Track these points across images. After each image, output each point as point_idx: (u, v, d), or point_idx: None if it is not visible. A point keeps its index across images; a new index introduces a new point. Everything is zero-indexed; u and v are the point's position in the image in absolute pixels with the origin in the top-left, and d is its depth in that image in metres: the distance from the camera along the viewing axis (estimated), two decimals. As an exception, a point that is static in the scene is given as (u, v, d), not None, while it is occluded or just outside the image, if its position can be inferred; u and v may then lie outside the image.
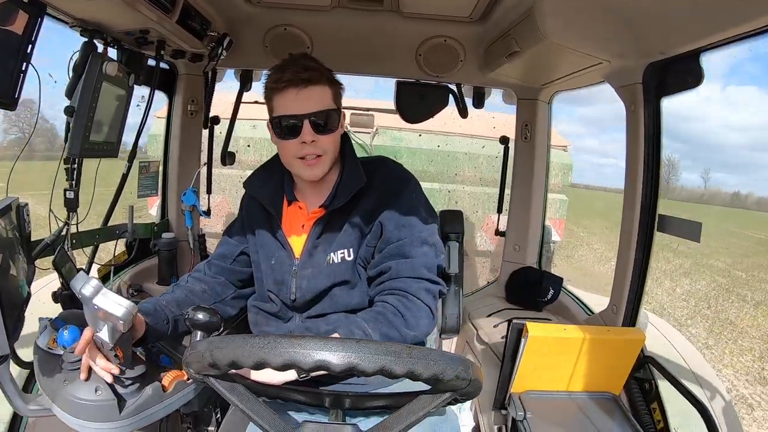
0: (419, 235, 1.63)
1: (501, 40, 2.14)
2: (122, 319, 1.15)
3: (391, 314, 1.54)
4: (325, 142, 1.58)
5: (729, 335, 8.23)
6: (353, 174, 1.66)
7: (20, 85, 1.41)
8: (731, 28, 1.32)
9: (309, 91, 1.55)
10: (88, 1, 1.45)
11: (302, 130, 1.55)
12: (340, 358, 0.95)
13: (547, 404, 1.74)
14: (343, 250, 1.64)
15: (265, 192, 1.75)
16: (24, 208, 1.54)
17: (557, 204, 5.75)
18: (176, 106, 2.75)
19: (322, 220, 1.65)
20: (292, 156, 1.60)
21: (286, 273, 1.68)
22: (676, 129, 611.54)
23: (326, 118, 1.57)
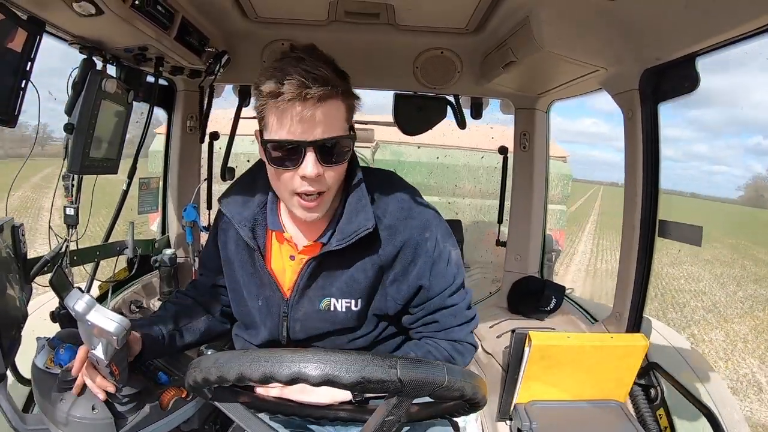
0: (458, 281, 1.48)
1: (497, 50, 2.15)
2: (116, 335, 1.14)
3: (440, 354, 1.46)
4: (332, 176, 1.28)
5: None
6: (358, 212, 1.36)
7: (20, 103, 1.41)
8: (725, 31, 1.33)
9: (320, 110, 1.20)
10: (87, 19, 1.46)
11: (304, 160, 1.22)
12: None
13: (552, 414, 1.73)
14: (349, 300, 1.42)
15: (245, 216, 1.45)
16: (19, 228, 1.54)
17: (557, 215, 5.76)
18: (175, 122, 2.76)
19: (317, 260, 1.39)
20: (288, 190, 1.29)
21: (274, 314, 1.48)
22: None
23: (337, 146, 1.25)
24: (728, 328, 9.78)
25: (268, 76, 1.20)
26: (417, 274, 1.41)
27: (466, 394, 1.00)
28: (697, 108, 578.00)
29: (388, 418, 1.03)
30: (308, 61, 1.19)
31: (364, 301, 1.44)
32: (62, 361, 1.31)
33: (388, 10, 2.13)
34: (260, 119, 1.29)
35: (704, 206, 64.58)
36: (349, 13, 2.19)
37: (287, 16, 2.28)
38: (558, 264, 6.00)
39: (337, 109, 1.24)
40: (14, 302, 1.39)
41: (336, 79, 1.22)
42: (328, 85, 1.18)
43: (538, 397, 1.76)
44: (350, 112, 1.30)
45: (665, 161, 1.80)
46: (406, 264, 1.41)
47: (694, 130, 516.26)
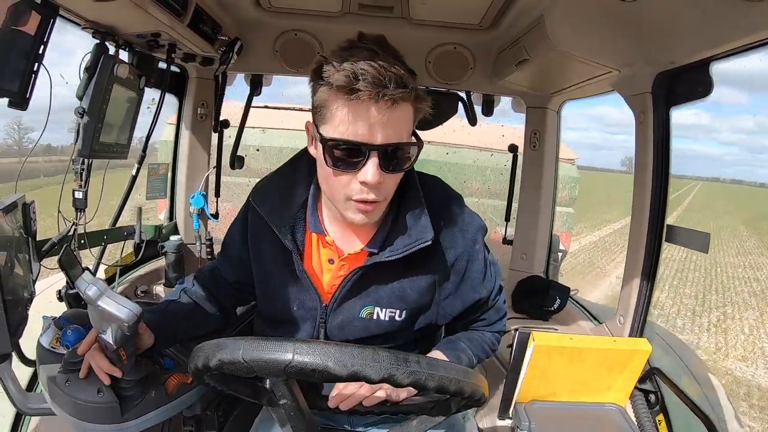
0: (498, 281, 1.59)
1: (511, 48, 2.14)
2: (127, 322, 1.14)
3: (487, 344, 1.63)
4: (391, 184, 1.23)
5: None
6: (416, 223, 1.31)
7: (32, 85, 1.42)
8: (741, 37, 1.31)
9: (392, 113, 1.12)
10: (101, 4, 1.46)
11: (366, 164, 1.14)
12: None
13: (551, 414, 1.72)
14: (393, 311, 1.38)
15: (282, 216, 1.37)
16: (30, 206, 1.54)
17: (564, 217, 5.74)
18: (186, 110, 2.76)
19: (363, 270, 1.33)
20: (344, 194, 1.21)
21: (311, 319, 1.43)
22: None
23: (401, 152, 1.18)
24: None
25: (338, 67, 1.10)
26: (471, 287, 1.46)
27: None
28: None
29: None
30: (382, 56, 1.11)
31: (409, 313, 1.40)
32: (69, 342, 1.32)
33: (402, 4, 2.12)
34: (319, 111, 1.19)
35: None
36: (363, 5, 2.19)
37: (301, 7, 2.28)
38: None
39: (407, 113, 1.17)
40: (22, 280, 1.40)
41: (410, 80, 1.14)
42: (406, 87, 1.11)
43: (539, 397, 1.76)
44: (417, 116, 1.22)
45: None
46: (459, 278, 1.42)
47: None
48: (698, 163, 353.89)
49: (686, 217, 29.35)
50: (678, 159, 2.70)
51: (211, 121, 2.75)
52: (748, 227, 27.23)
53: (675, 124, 1.72)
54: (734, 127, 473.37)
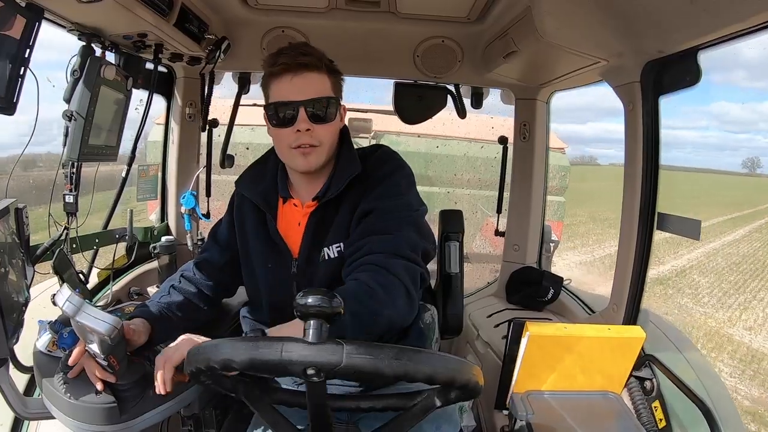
0: (403, 215, 1.52)
1: (499, 40, 2.14)
2: (107, 335, 1.13)
3: (363, 292, 1.33)
4: (322, 132, 1.51)
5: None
6: (348, 162, 1.59)
7: (19, 90, 1.40)
8: (729, 25, 1.32)
9: (306, 77, 1.48)
10: (86, 5, 1.45)
11: (297, 118, 1.47)
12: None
13: (548, 404, 1.74)
14: (338, 244, 1.56)
15: (258, 190, 1.66)
16: (23, 210, 1.53)
17: (555, 206, 5.77)
18: (174, 110, 2.75)
19: (316, 214, 1.58)
20: (287, 146, 1.52)
21: (285, 275, 1.61)
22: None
23: (324, 107, 1.50)
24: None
25: (268, 57, 1.53)
26: (369, 199, 1.53)
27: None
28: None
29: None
30: (299, 47, 1.53)
31: (349, 243, 1.54)
32: (66, 345, 1.32)
33: None
34: (265, 93, 1.56)
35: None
36: (350, 0, 2.18)
37: (287, 4, 2.27)
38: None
39: (322, 77, 1.50)
40: (17, 286, 1.39)
41: (321, 56, 1.52)
42: (314, 58, 1.49)
43: (535, 387, 1.77)
44: (335, 84, 1.55)
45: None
46: (367, 194, 1.55)
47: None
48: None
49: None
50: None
51: (200, 120, 2.73)
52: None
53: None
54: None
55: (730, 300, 11.61)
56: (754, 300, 11.79)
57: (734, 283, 13.23)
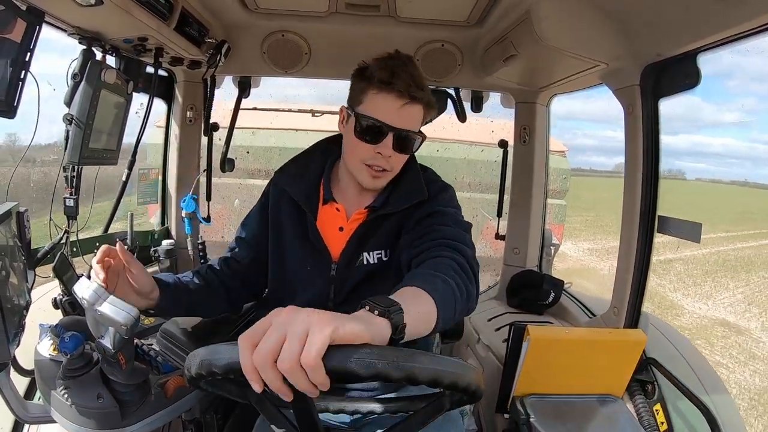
0: (460, 219, 1.60)
1: (498, 43, 2.14)
2: (125, 325, 1.15)
3: (456, 266, 1.34)
4: (398, 161, 1.56)
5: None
6: (414, 185, 1.63)
7: (19, 93, 1.41)
8: (727, 28, 1.33)
9: (412, 109, 1.51)
10: (87, 9, 1.45)
11: (384, 141, 1.49)
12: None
13: (549, 407, 1.74)
14: (379, 251, 1.60)
15: (301, 187, 1.65)
16: (24, 214, 1.54)
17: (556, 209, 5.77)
18: (175, 113, 2.75)
19: (366, 224, 1.60)
20: (361, 159, 1.54)
21: (323, 277, 1.63)
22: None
23: (411, 141, 1.54)
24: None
25: (381, 67, 1.51)
26: (422, 210, 1.58)
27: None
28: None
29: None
30: (413, 70, 1.52)
31: (392, 250, 1.60)
32: (68, 349, 1.31)
33: (388, 2, 2.12)
34: (357, 96, 1.55)
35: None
36: (350, 4, 2.19)
37: (288, 7, 2.27)
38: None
39: (419, 111, 1.53)
40: (18, 289, 1.39)
41: (428, 89, 1.54)
42: (423, 91, 1.50)
43: (536, 390, 1.77)
44: (425, 118, 1.58)
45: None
46: (420, 218, 1.57)
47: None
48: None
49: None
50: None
51: (201, 124, 2.74)
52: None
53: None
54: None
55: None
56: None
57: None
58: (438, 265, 1.32)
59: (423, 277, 1.23)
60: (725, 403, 1.78)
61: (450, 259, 1.37)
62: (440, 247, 1.42)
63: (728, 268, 15.69)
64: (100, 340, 1.22)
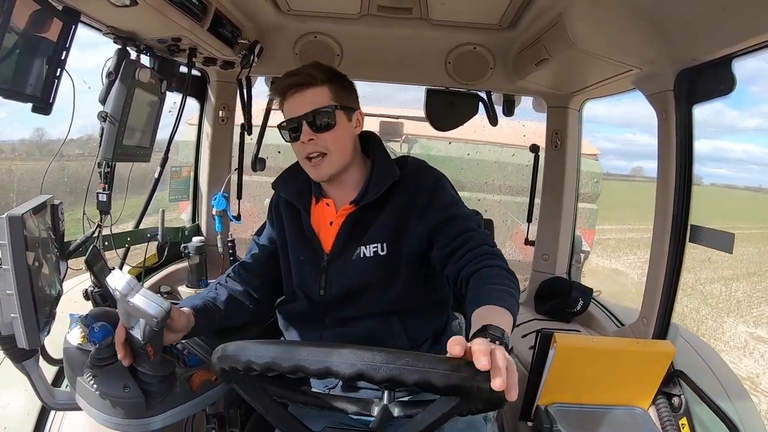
0: (474, 218, 1.68)
1: (530, 47, 2.12)
2: (156, 317, 1.18)
3: (506, 273, 1.46)
4: (326, 139, 1.60)
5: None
6: (385, 169, 1.68)
7: (55, 90, 1.45)
8: (762, 33, 1.29)
9: (302, 94, 1.59)
10: (121, 9, 1.48)
11: (301, 130, 1.59)
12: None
13: (574, 417, 1.71)
14: (375, 245, 1.64)
15: (293, 190, 1.76)
16: (58, 207, 1.58)
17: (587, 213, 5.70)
18: (208, 113, 2.80)
19: (353, 216, 1.66)
20: (301, 157, 1.65)
21: (315, 267, 1.69)
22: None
23: (323, 116, 1.59)
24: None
25: (273, 85, 1.70)
26: (438, 211, 1.62)
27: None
28: None
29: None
30: (302, 68, 1.64)
31: (389, 247, 1.64)
32: (96, 339, 1.34)
33: (420, 5, 2.12)
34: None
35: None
36: (382, 7, 2.19)
37: (320, 10, 2.29)
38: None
39: (321, 90, 1.60)
40: (50, 279, 1.43)
41: (320, 71, 1.61)
42: (311, 76, 1.59)
43: (561, 399, 1.75)
44: (337, 93, 1.62)
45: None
46: (424, 206, 1.63)
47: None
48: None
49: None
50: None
51: (233, 123, 2.78)
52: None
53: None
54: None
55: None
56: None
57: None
58: (495, 277, 1.43)
59: (496, 294, 1.35)
60: (753, 420, 1.73)
61: (497, 267, 1.47)
62: (483, 257, 1.51)
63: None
64: (130, 330, 1.24)
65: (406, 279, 1.65)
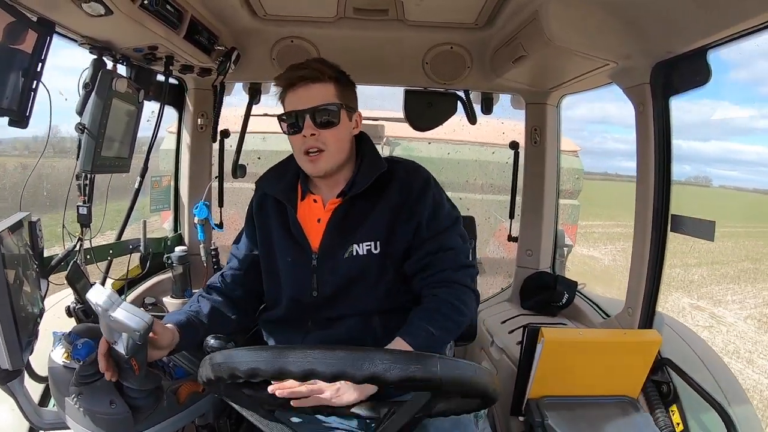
0: (454, 227, 1.68)
1: (507, 45, 2.14)
2: (138, 331, 1.16)
3: (446, 308, 1.54)
4: (327, 136, 1.59)
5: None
6: (373, 161, 1.68)
7: (31, 103, 1.43)
8: (737, 24, 1.31)
9: (309, 88, 1.58)
10: (97, 19, 1.47)
11: (304, 124, 1.58)
12: (358, 369, 0.96)
13: (564, 409, 1.72)
14: (369, 243, 1.64)
15: (280, 187, 1.74)
16: (36, 223, 1.56)
17: (569, 210, 5.74)
18: (186, 121, 2.77)
19: (341, 210, 1.65)
20: (298, 150, 1.63)
21: (305, 268, 1.67)
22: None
23: (328, 113, 1.59)
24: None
25: (276, 78, 1.64)
26: (416, 213, 1.63)
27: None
28: None
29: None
30: (310, 62, 1.63)
31: (383, 245, 1.64)
32: (80, 356, 1.33)
33: (396, 6, 2.12)
34: (282, 105, 1.65)
35: None
36: (358, 9, 2.19)
37: (296, 14, 2.28)
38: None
39: (326, 87, 1.60)
40: (31, 297, 1.41)
41: (328, 68, 1.61)
42: (319, 71, 1.59)
43: (551, 392, 1.76)
44: (342, 92, 1.63)
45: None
46: (412, 207, 1.64)
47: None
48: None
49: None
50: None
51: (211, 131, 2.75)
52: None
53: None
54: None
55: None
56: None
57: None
58: (431, 311, 1.54)
59: (413, 331, 1.48)
60: (741, 402, 1.76)
61: (443, 301, 1.56)
62: (440, 284, 1.59)
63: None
64: (113, 346, 1.23)
65: (392, 278, 1.65)
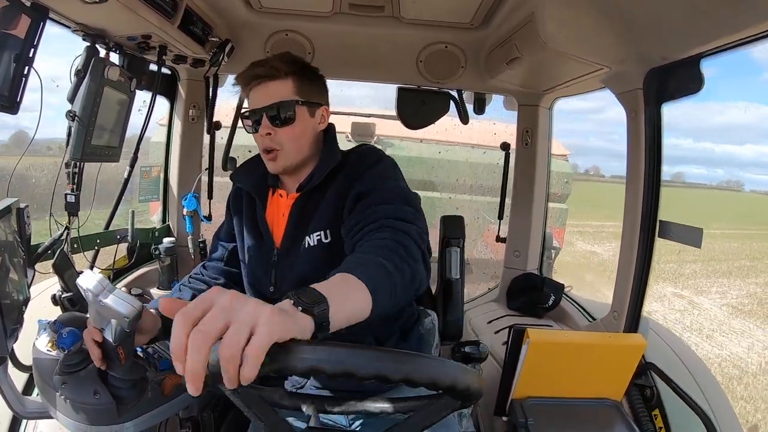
0: (400, 192, 1.50)
1: (502, 46, 2.14)
2: (127, 317, 1.16)
3: (393, 245, 1.24)
4: (283, 135, 1.57)
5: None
6: (330, 155, 1.64)
7: (22, 89, 1.41)
8: (731, 33, 1.32)
9: (265, 86, 1.57)
10: (91, 6, 1.45)
11: (262, 121, 1.56)
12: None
13: (548, 410, 1.73)
14: (318, 233, 1.58)
15: (251, 180, 1.72)
16: (24, 210, 1.54)
17: (557, 213, 5.77)
18: (178, 112, 2.76)
19: (298, 204, 1.62)
20: (261, 149, 1.62)
21: (264, 262, 1.66)
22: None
23: (283, 111, 1.56)
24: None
25: (239, 74, 1.62)
26: (358, 187, 1.51)
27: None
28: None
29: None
30: (269, 60, 1.60)
31: (332, 234, 1.57)
32: (65, 345, 1.31)
33: (392, 3, 2.12)
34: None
35: None
36: (354, 5, 2.18)
37: (291, 7, 2.27)
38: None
39: (284, 84, 1.57)
40: (17, 285, 1.39)
41: (285, 63, 1.58)
42: (275, 69, 1.56)
43: (535, 393, 1.76)
44: (300, 87, 1.59)
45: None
46: (353, 183, 1.54)
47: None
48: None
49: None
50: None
51: (203, 122, 2.74)
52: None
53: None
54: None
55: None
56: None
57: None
58: (373, 248, 1.22)
59: (356, 262, 1.13)
60: (723, 408, 1.78)
61: (389, 240, 1.26)
62: (379, 229, 1.32)
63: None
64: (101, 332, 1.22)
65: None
